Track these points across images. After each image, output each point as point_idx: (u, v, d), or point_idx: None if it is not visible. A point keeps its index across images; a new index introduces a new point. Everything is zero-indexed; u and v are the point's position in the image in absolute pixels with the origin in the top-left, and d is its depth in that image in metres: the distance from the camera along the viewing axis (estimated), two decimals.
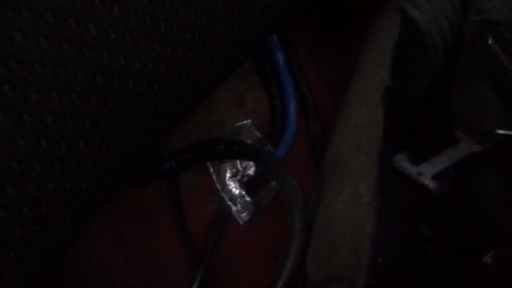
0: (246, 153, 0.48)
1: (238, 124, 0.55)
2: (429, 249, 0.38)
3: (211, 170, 0.53)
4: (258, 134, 0.55)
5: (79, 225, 0.34)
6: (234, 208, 0.52)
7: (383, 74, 0.39)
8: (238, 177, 0.53)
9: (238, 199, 0.53)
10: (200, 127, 0.53)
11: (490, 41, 0.45)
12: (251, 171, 0.53)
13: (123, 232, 0.49)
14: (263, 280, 0.49)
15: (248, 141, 0.51)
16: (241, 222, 0.52)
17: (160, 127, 0.39)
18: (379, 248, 0.36)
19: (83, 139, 0.31)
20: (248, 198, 0.52)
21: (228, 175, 0.53)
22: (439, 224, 0.39)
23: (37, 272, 0.32)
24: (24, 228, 0.28)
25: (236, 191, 0.53)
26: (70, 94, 0.29)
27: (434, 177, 0.45)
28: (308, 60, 0.56)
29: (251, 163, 0.53)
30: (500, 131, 0.46)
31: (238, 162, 0.53)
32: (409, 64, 0.45)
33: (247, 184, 0.53)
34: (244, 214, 0.52)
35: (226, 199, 0.52)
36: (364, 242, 0.37)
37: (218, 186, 0.53)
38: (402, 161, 0.47)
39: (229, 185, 0.53)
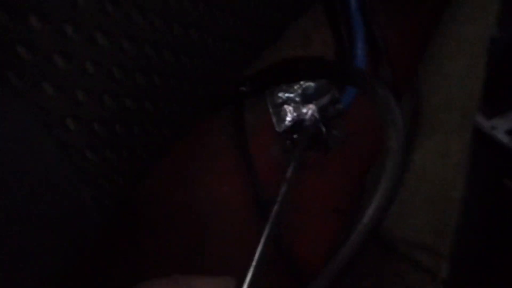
0: (330, 70, 0.48)
1: None
2: None
3: (271, 111, 0.57)
4: None
5: (172, 137, 0.37)
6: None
7: (489, 22, 0.39)
8: (299, 121, 0.56)
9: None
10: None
11: None
12: (315, 116, 0.56)
13: (183, 170, 0.53)
14: (324, 233, 0.53)
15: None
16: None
17: (238, 61, 0.43)
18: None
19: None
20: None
21: (288, 118, 0.56)
22: None
23: (130, 185, 0.35)
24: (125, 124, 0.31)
25: (296, 135, 0.57)
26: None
27: (508, 133, 0.49)
28: (381, 3, 0.57)
29: (314, 107, 0.57)
30: None
31: (301, 106, 0.57)
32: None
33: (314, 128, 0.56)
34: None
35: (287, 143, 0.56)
36: (451, 210, 0.37)
37: (277, 129, 0.57)
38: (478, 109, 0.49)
39: (289, 128, 0.57)
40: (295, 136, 0.56)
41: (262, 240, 0.48)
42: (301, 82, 0.55)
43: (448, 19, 0.45)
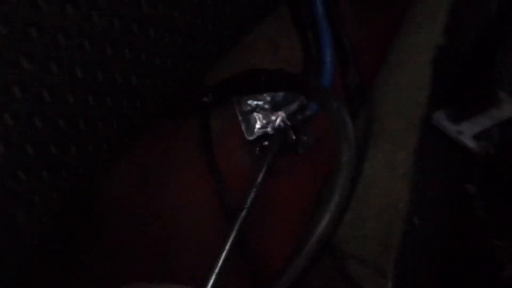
0: (288, 83, 0.49)
1: None
2: (477, 206, 0.40)
3: (240, 118, 0.58)
4: None
5: (112, 154, 0.37)
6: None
7: (436, 31, 0.40)
8: (269, 128, 0.57)
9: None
10: (234, 73, 0.57)
11: None
12: (283, 123, 0.57)
13: (149, 177, 0.53)
14: (291, 237, 0.53)
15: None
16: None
17: (194, 65, 0.43)
18: (414, 208, 0.38)
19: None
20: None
21: (257, 126, 0.57)
22: (485, 183, 0.41)
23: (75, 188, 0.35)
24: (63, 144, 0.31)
25: (265, 142, 0.57)
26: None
27: (475, 137, 0.49)
28: (348, 9, 0.58)
29: (283, 114, 0.57)
30: None
31: (270, 113, 0.57)
32: (461, 20, 0.47)
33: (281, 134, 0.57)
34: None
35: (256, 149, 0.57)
36: (396, 221, 0.37)
37: (247, 136, 0.57)
38: (441, 119, 0.50)
39: (259, 136, 0.57)
40: (265, 143, 0.56)
41: (226, 247, 0.48)
42: None
43: (402, 28, 0.46)
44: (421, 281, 0.39)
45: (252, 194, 0.52)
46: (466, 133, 0.48)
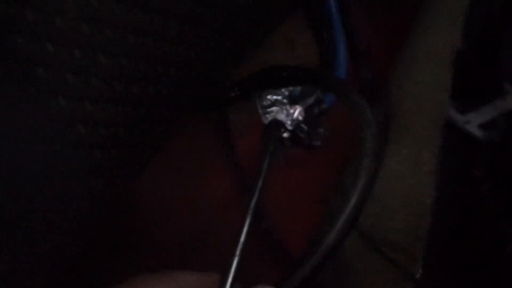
0: (309, 78, 0.53)
1: None
2: (483, 190, 0.44)
3: (260, 112, 0.61)
4: None
5: (164, 139, 0.42)
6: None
7: (455, 35, 0.43)
8: (288, 121, 0.60)
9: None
10: (251, 70, 0.61)
11: None
12: (301, 116, 0.60)
13: (178, 166, 0.56)
14: (305, 227, 0.57)
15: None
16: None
17: (223, 61, 0.47)
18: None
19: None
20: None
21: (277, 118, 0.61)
22: (491, 168, 0.45)
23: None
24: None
25: (285, 134, 0.61)
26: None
27: (481, 126, 0.52)
28: (358, 6, 0.61)
29: (300, 108, 0.60)
30: None
31: (288, 106, 0.61)
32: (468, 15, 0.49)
33: (295, 128, 0.60)
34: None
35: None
36: (425, 215, 0.40)
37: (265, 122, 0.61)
38: (449, 109, 0.53)
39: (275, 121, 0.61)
40: (284, 135, 0.60)
41: (244, 232, 0.51)
42: None
43: (417, 26, 0.49)
44: (450, 265, 0.42)
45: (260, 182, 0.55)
46: (473, 122, 0.51)
